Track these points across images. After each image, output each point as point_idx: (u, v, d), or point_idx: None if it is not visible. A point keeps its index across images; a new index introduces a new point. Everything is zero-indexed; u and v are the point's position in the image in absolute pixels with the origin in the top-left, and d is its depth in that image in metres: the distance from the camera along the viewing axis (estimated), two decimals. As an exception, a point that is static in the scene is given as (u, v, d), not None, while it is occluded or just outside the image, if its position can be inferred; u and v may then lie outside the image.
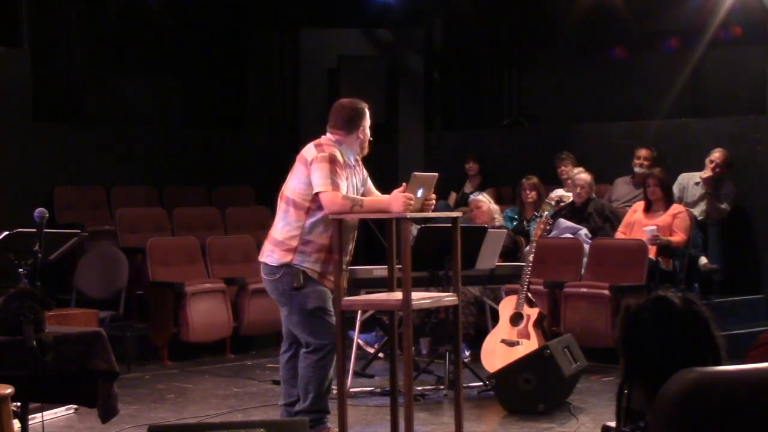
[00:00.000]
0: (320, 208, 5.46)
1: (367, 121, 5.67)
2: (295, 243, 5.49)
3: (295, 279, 5.48)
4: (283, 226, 5.56)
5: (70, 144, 10.50)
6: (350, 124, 5.62)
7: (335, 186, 5.39)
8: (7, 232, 5.62)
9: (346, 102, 5.75)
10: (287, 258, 5.50)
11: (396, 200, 5.26)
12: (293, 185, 5.56)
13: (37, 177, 9.99)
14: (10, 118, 9.87)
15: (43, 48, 10.51)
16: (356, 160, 5.72)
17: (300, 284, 5.49)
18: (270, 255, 5.58)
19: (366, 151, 5.71)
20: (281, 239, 5.53)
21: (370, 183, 5.79)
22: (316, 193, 5.42)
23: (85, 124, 10.84)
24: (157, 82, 11.56)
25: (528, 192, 9.63)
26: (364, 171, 5.79)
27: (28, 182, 9.87)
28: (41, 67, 10.38)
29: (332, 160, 5.44)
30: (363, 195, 5.62)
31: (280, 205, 5.62)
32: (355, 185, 5.60)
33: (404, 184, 5.32)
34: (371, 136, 5.72)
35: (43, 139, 10.21)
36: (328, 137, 5.62)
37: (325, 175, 5.40)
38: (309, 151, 5.54)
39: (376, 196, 5.66)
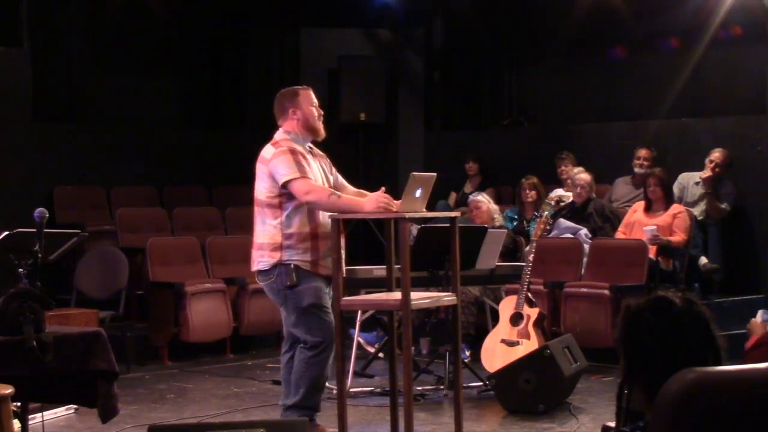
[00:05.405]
0: (291, 198, 5.45)
1: (306, 100, 5.61)
2: (279, 239, 5.50)
3: (289, 277, 5.48)
4: (263, 228, 5.58)
5: (70, 144, 10.50)
6: (282, 109, 5.65)
7: (303, 172, 5.40)
8: (7, 232, 5.61)
9: (282, 90, 5.76)
10: (277, 256, 5.51)
11: (371, 201, 5.26)
12: (258, 187, 5.61)
13: (37, 177, 9.99)
14: (10, 118, 9.87)
15: (43, 48, 10.51)
16: (319, 154, 5.70)
17: (294, 282, 5.48)
18: (260, 260, 5.59)
19: (319, 132, 5.62)
20: (266, 241, 5.55)
21: (340, 177, 5.76)
22: (285, 183, 5.40)
23: (85, 124, 10.84)
24: (157, 82, 11.55)
25: (528, 192, 9.63)
26: (326, 159, 5.74)
27: (28, 182, 9.87)
28: (41, 67, 10.39)
29: (292, 152, 5.47)
30: (334, 185, 5.60)
31: (255, 210, 5.66)
32: (320, 172, 5.57)
33: (383, 187, 5.32)
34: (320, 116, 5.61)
35: (43, 139, 10.21)
36: (280, 132, 5.65)
37: (290, 165, 5.42)
38: (267, 150, 5.59)
39: (353, 192, 5.64)
